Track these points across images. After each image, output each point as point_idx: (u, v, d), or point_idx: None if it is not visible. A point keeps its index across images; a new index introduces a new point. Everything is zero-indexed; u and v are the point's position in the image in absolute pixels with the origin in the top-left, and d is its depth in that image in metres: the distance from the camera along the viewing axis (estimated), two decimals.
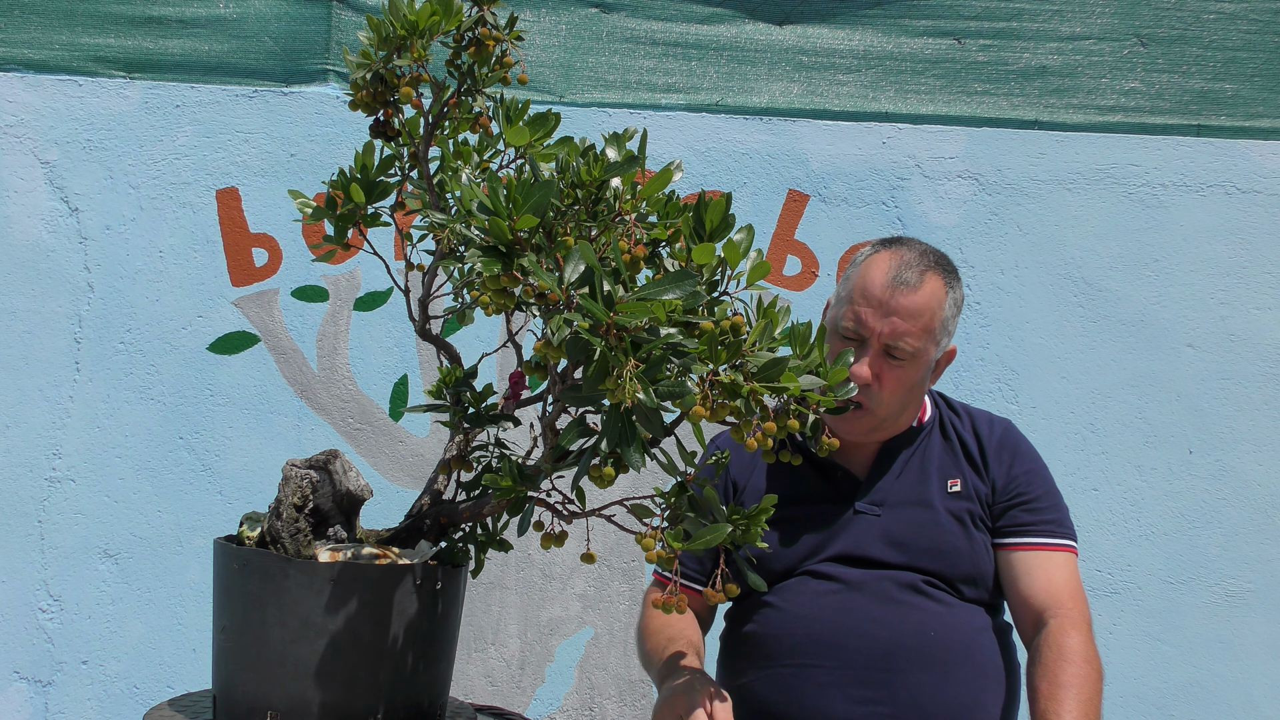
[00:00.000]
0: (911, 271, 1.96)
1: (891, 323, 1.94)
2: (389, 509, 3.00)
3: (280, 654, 1.49)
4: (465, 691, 3.10)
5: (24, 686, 3.11)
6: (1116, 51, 3.26)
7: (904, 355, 1.95)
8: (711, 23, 3.27)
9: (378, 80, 1.52)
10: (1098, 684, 1.89)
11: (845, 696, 1.91)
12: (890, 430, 2.05)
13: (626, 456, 1.31)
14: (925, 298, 1.95)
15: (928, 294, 1.96)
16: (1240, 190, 3.24)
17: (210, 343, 3.19)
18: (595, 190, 1.38)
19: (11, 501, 3.13)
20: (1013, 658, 2.06)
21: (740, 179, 3.24)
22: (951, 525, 2.00)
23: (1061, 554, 2.01)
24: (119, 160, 3.20)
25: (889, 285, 1.94)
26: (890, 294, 1.94)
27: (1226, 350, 3.21)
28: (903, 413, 2.03)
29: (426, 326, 1.66)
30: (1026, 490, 2.04)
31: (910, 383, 1.98)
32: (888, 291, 1.94)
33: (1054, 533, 2.02)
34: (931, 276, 1.98)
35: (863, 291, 1.97)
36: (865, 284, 1.97)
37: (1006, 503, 2.03)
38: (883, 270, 1.97)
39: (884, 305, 1.94)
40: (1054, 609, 1.95)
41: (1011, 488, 2.04)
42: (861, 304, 1.96)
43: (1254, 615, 3.15)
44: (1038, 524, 2.02)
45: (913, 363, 1.96)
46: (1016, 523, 2.02)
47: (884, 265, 1.97)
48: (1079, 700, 1.85)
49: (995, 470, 2.05)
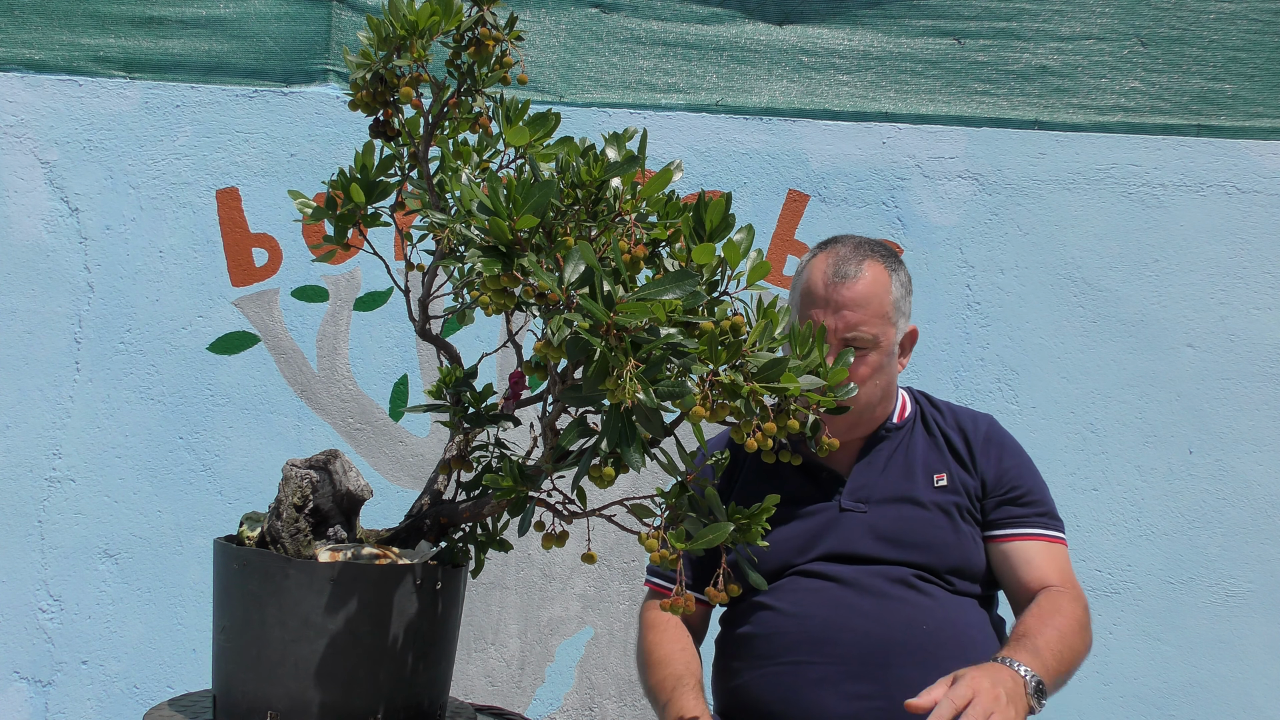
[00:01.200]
0: (849, 264, 2.02)
1: (842, 316, 1.99)
2: (389, 509, 3.00)
3: (280, 654, 1.49)
4: (465, 691, 3.10)
5: (24, 686, 3.11)
6: (1116, 51, 3.26)
7: (865, 343, 2.00)
8: (711, 23, 3.27)
9: (378, 80, 1.52)
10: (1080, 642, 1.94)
11: (840, 692, 1.92)
12: (870, 423, 2.09)
13: (626, 456, 1.31)
14: (868, 284, 2.01)
15: (870, 280, 2.01)
16: (1240, 190, 3.24)
17: (210, 343, 3.19)
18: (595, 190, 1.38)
19: (11, 501, 3.13)
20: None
21: (740, 179, 3.24)
22: (938, 518, 2.04)
23: (1058, 545, 2.06)
24: (119, 160, 3.20)
25: (831, 282, 2.00)
26: (834, 289, 2.00)
27: (1226, 350, 3.21)
28: (880, 401, 2.07)
29: (426, 326, 1.66)
30: (1018, 484, 2.08)
31: (878, 367, 2.03)
32: (831, 288, 2.00)
33: (1049, 525, 2.08)
34: (870, 264, 2.03)
35: (808, 294, 2.03)
36: (809, 287, 2.03)
37: (1000, 497, 2.07)
38: (821, 269, 2.03)
39: (830, 301, 2.00)
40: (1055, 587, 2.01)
41: (1005, 482, 2.08)
42: (810, 306, 2.02)
43: (1254, 615, 3.15)
44: (1030, 516, 2.07)
45: (875, 349, 2.02)
46: (1010, 516, 2.06)
47: (822, 265, 2.04)
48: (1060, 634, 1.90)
49: (984, 465, 2.09)
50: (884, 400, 2.08)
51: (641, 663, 2.11)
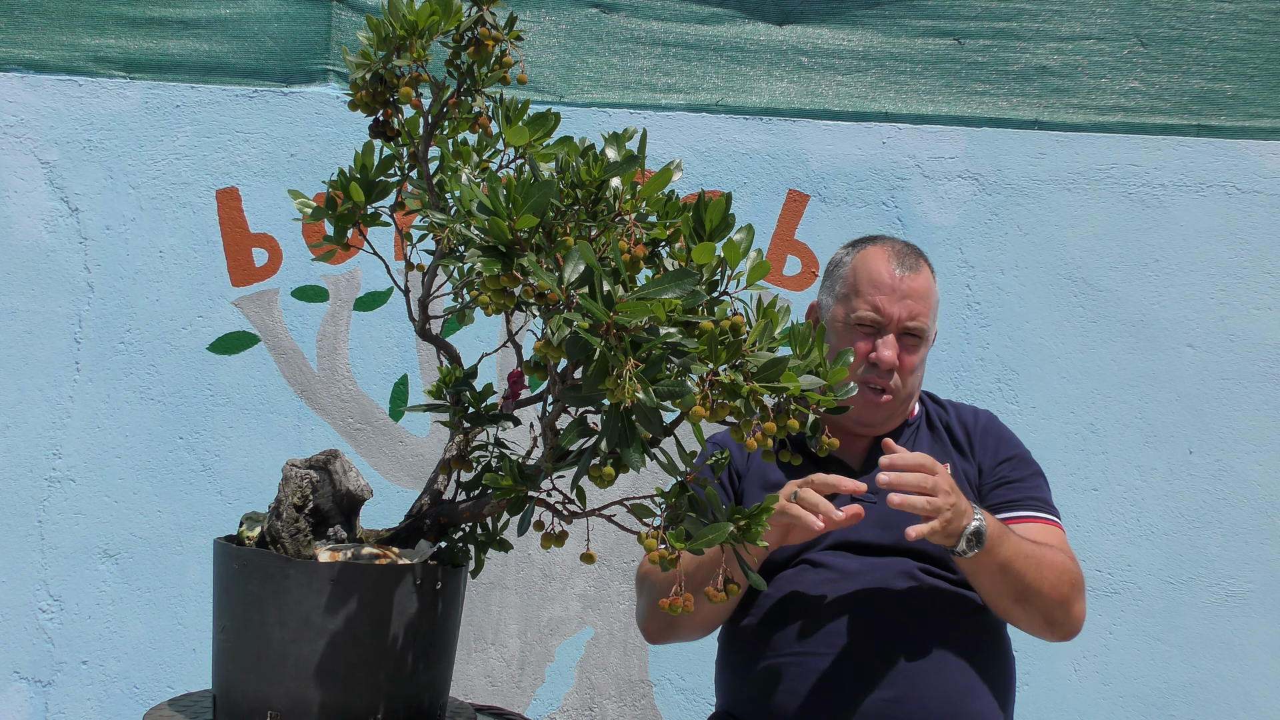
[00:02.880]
0: (909, 258, 2.12)
1: (907, 305, 2.07)
2: (389, 509, 3.00)
3: (280, 654, 1.49)
4: (465, 691, 3.10)
5: (24, 686, 3.11)
6: (1116, 51, 3.26)
7: (920, 333, 2.09)
8: (711, 23, 3.27)
9: (377, 80, 1.52)
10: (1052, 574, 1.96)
11: (845, 683, 1.93)
12: (900, 416, 2.15)
13: (626, 457, 1.31)
14: (926, 279, 2.11)
15: (927, 276, 2.12)
16: (1240, 190, 3.24)
17: (210, 343, 3.18)
18: (595, 190, 1.38)
19: (11, 501, 3.13)
20: (1007, 643, 2.10)
21: (740, 179, 3.24)
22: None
23: (1056, 529, 2.09)
24: (119, 160, 3.20)
25: (896, 272, 2.08)
26: (900, 279, 2.08)
27: (1226, 350, 3.21)
28: (912, 396, 2.15)
29: (426, 326, 1.66)
30: (1015, 472, 2.13)
31: (923, 360, 2.12)
32: (897, 278, 2.08)
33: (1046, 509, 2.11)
34: (923, 262, 2.14)
35: (872, 282, 2.09)
36: (873, 275, 2.09)
37: (995, 482, 2.12)
38: (884, 259, 2.11)
39: (897, 290, 2.07)
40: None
41: (1001, 469, 2.13)
42: (875, 293, 2.08)
43: (1254, 615, 3.15)
44: (1027, 500, 2.11)
45: (925, 342, 2.11)
46: (1007, 499, 2.10)
47: (883, 255, 2.12)
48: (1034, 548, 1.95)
49: (981, 454, 2.14)
50: (914, 395, 2.16)
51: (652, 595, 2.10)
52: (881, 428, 2.13)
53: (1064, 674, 3.13)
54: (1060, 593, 1.97)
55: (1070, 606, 2.00)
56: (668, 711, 3.14)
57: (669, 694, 3.15)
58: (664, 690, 3.15)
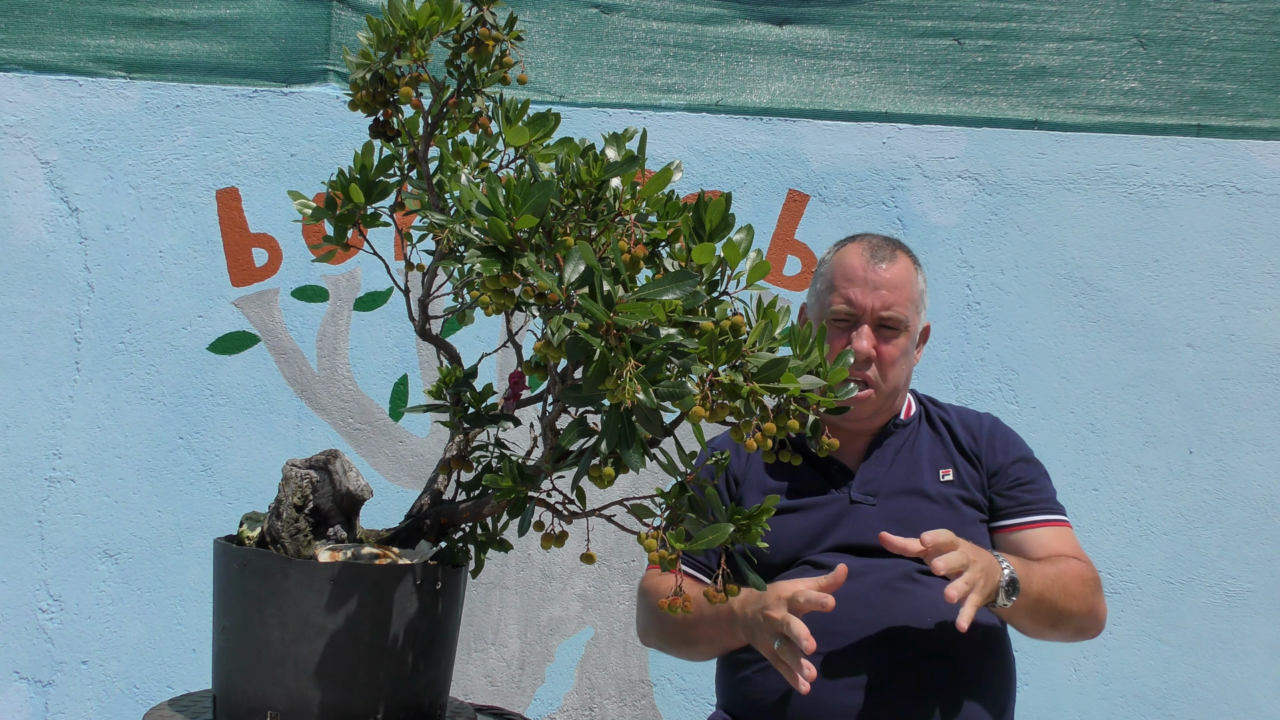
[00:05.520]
0: (884, 250, 2.14)
1: (880, 295, 2.09)
2: (389, 509, 3.00)
3: (280, 654, 1.49)
4: (465, 691, 3.10)
5: (24, 686, 3.11)
6: (1116, 51, 3.26)
7: (897, 324, 2.10)
8: (711, 23, 3.27)
9: (377, 80, 1.52)
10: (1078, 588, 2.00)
11: (846, 684, 1.93)
12: (888, 413, 2.16)
13: (626, 457, 1.31)
14: (902, 269, 2.12)
15: (903, 266, 2.13)
16: (1240, 190, 3.24)
17: (210, 343, 3.18)
18: (595, 190, 1.38)
19: (11, 501, 3.13)
20: (1007, 644, 2.10)
21: (740, 179, 3.24)
22: (945, 511, 2.08)
23: (1065, 528, 2.12)
24: (119, 160, 3.20)
25: (869, 263, 2.11)
26: (872, 270, 2.10)
27: (1226, 350, 3.21)
28: (899, 391, 2.15)
29: (426, 326, 1.66)
30: (1024, 475, 2.15)
31: (904, 350, 2.12)
32: (869, 269, 2.10)
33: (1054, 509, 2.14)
34: (901, 253, 2.16)
35: (845, 275, 2.12)
36: (846, 268, 2.12)
37: (1007, 486, 2.13)
38: (858, 253, 2.13)
39: (869, 281, 2.09)
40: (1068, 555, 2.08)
41: (1012, 473, 2.14)
42: (847, 286, 2.11)
43: (1254, 615, 3.15)
44: (1036, 503, 2.13)
45: (904, 332, 2.11)
46: (1019, 503, 2.12)
47: (858, 249, 2.14)
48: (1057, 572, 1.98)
49: (988, 458, 2.15)
50: (900, 390, 2.16)
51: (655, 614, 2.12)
52: (869, 422, 2.15)
53: (1064, 674, 3.13)
54: (1087, 604, 2.03)
55: (1096, 612, 2.06)
56: (668, 711, 3.14)
57: (669, 694, 3.15)
58: (664, 690, 3.15)
